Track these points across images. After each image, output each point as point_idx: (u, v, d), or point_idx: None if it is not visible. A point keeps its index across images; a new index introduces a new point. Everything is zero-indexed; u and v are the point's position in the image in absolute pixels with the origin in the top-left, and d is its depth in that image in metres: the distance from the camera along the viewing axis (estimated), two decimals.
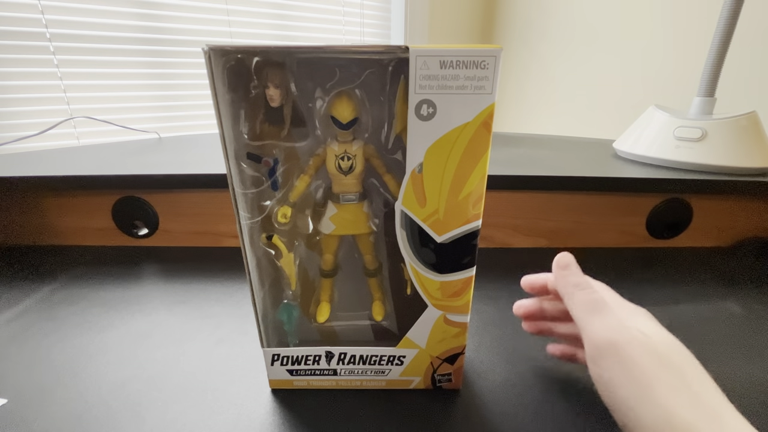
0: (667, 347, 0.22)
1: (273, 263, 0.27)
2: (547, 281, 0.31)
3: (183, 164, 0.54)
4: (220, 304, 0.39)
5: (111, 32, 1.01)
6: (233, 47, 0.20)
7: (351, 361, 0.27)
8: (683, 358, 0.21)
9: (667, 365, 0.21)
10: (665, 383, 0.20)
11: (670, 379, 0.20)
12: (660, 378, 0.20)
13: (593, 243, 0.53)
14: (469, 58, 0.19)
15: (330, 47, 0.21)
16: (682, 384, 0.20)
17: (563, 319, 0.30)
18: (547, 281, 0.31)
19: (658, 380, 0.20)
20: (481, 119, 0.21)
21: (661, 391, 0.20)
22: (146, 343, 0.34)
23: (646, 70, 1.30)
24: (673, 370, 0.21)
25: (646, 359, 0.21)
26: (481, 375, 0.30)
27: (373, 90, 0.24)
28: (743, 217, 0.53)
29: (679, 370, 0.21)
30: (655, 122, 0.58)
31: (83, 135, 1.03)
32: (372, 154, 0.25)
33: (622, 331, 0.22)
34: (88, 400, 0.28)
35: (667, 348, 0.22)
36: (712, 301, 0.41)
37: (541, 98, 1.65)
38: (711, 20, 0.52)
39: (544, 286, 0.31)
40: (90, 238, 0.52)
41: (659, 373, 0.20)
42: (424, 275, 0.25)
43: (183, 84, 1.15)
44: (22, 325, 0.36)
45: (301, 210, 0.27)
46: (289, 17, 1.30)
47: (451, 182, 0.22)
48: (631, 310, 0.24)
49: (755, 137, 0.51)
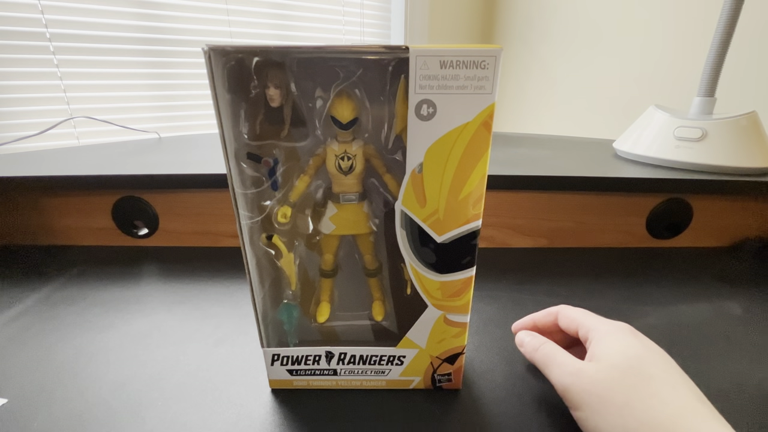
0: (626, 364, 0.23)
1: (273, 263, 0.27)
2: (534, 320, 0.32)
3: (183, 164, 0.54)
4: (220, 304, 0.39)
5: (111, 32, 1.01)
6: (233, 47, 0.20)
7: (351, 361, 0.28)
8: (650, 368, 0.23)
9: (624, 382, 0.22)
10: (621, 400, 0.21)
11: (628, 394, 0.22)
12: (615, 397, 0.22)
13: (593, 243, 0.53)
14: (469, 58, 0.19)
15: (330, 47, 0.21)
16: (645, 393, 0.21)
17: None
18: (534, 320, 0.32)
19: (612, 401, 0.22)
20: (481, 119, 0.21)
21: (614, 408, 0.21)
22: (146, 343, 0.34)
23: (646, 70, 1.30)
24: (634, 382, 0.22)
25: (600, 387, 0.22)
26: (481, 375, 0.30)
27: (373, 90, 0.24)
28: (743, 217, 0.53)
29: (641, 380, 0.22)
30: (655, 122, 0.58)
31: (83, 135, 1.03)
32: (372, 154, 0.25)
33: (572, 374, 0.24)
34: (88, 400, 0.28)
35: (626, 365, 0.23)
36: (712, 301, 0.41)
37: (541, 98, 1.65)
38: (711, 20, 0.52)
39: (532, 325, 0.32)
40: (90, 238, 0.52)
41: (614, 393, 0.22)
42: (424, 275, 0.25)
43: (183, 84, 1.15)
44: (22, 325, 0.36)
45: (301, 210, 0.27)
46: (289, 17, 1.30)
47: (451, 182, 0.22)
48: (601, 334, 0.26)
49: (755, 137, 0.51)
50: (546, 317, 0.31)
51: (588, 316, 0.28)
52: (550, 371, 0.26)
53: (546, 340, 0.28)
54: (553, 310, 0.31)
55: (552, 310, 0.31)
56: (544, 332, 0.31)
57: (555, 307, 0.31)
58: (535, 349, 0.28)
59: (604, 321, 0.27)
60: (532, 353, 0.28)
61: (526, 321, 0.32)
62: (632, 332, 0.26)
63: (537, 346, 0.28)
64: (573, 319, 0.28)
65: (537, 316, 0.31)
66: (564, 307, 0.30)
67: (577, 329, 0.28)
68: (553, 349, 0.27)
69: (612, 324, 0.26)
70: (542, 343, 0.28)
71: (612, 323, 0.27)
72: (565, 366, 0.25)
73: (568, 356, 0.26)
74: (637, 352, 0.24)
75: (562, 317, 0.29)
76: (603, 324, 0.26)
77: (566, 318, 0.29)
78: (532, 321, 0.31)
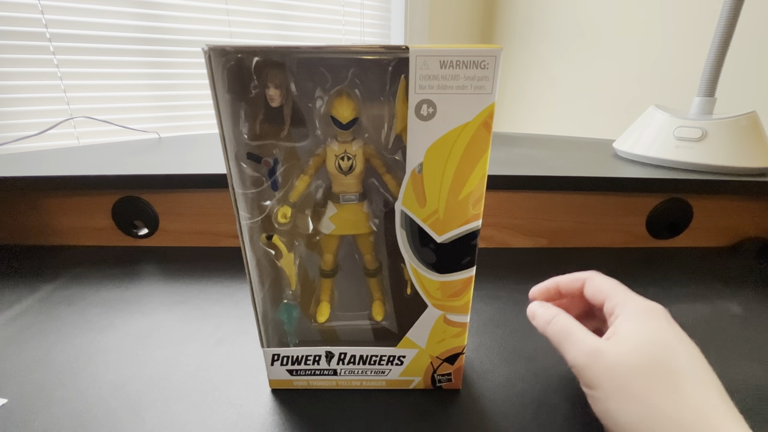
0: (651, 352, 0.21)
1: (273, 263, 0.27)
2: (558, 284, 0.30)
3: (183, 164, 0.54)
4: (220, 304, 0.39)
5: (111, 32, 1.01)
6: (233, 47, 0.20)
7: (351, 361, 0.27)
8: (676, 360, 0.21)
9: (646, 370, 0.21)
10: (639, 388, 0.20)
11: (647, 383, 0.20)
12: (632, 385, 0.21)
13: (593, 243, 0.53)
14: (469, 58, 0.19)
15: (330, 47, 0.21)
16: (666, 386, 0.20)
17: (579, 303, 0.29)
18: (558, 284, 0.30)
19: (628, 388, 0.21)
20: (481, 119, 0.21)
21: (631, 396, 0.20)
22: (146, 343, 0.34)
23: (645, 69, 1.30)
24: (656, 372, 0.21)
25: (618, 371, 0.21)
26: (481, 375, 0.30)
27: (373, 90, 0.24)
28: (743, 217, 0.53)
29: (664, 372, 0.21)
30: (655, 122, 0.58)
31: (83, 135, 1.03)
32: (372, 154, 0.25)
33: (589, 353, 0.23)
34: (88, 400, 0.28)
35: (650, 353, 0.21)
36: (712, 301, 0.41)
37: (541, 98, 1.65)
38: (711, 20, 0.52)
39: (554, 289, 0.30)
40: (90, 238, 0.52)
41: (633, 381, 0.21)
42: (424, 275, 0.25)
43: (183, 84, 1.15)
44: (22, 325, 0.36)
45: (301, 210, 0.27)
46: (289, 17, 1.30)
47: (451, 182, 0.22)
48: (630, 313, 0.24)
49: (755, 137, 0.51)
50: (572, 282, 0.28)
51: (620, 289, 0.26)
52: (565, 348, 0.24)
53: (559, 312, 0.26)
54: (580, 276, 0.28)
55: (579, 276, 0.28)
56: (566, 298, 0.29)
57: (584, 273, 0.28)
58: (547, 322, 0.26)
59: (637, 298, 0.24)
60: (545, 327, 0.26)
61: (549, 284, 0.29)
62: (666, 319, 0.23)
63: (549, 318, 0.26)
64: (601, 289, 0.26)
65: (562, 280, 0.29)
66: (594, 274, 0.27)
67: (603, 301, 0.25)
68: (567, 323, 0.25)
69: (646, 304, 0.24)
70: (555, 315, 0.26)
71: (646, 303, 0.24)
72: (581, 344, 0.23)
73: (585, 332, 0.24)
74: (665, 341, 0.22)
75: (590, 285, 0.27)
76: (635, 302, 0.24)
77: (594, 287, 0.26)
78: (555, 284, 0.29)
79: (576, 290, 0.28)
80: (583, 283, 0.28)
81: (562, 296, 0.29)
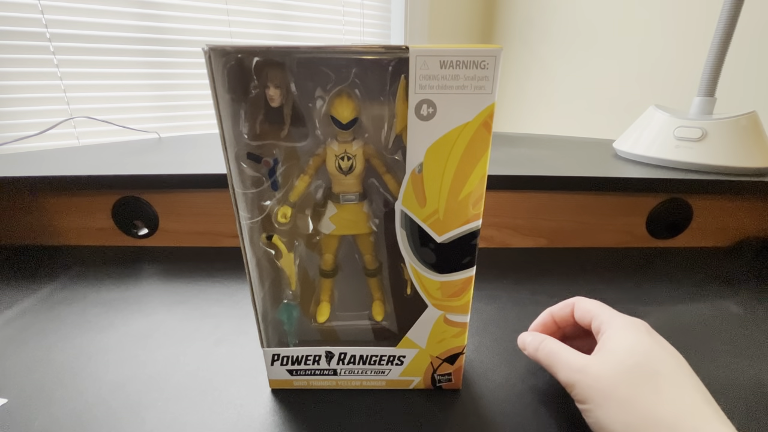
0: (632, 360, 0.23)
1: (273, 263, 0.27)
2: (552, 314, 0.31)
3: (183, 164, 0.54)
4: (220, 304, 0.39)
5: (111, 32, 1.01)
6: (233, 47, 0.20)
7: (351, 361, 0.27)
8: (658, 365, 0.23)
9: (629, 378, 0.22)
10: (624, 395, 0.22)
11: (631, 390, 0.22)
12: (618, 392, 0.22)
13: (593, 243, 0.53)
14: (469, 58, 0.19)
15: (330, 47, 0.21)
16: (648, 389, 0.21)
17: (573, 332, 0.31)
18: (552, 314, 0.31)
19: (615, 395, 0.22)
20: (481, 119, 0.21)
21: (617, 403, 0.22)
22: (146, 343, 0.34)
23: (645, 70, 1.30)
24: (639, 378, 0.22)
25: (603, 382, 0.23)
26: (481, 375, 0.30)
27: (373, 90, 0.24)
28: (743, 217, 0.53)
29: (645, 377, 0.22)
30: (655, 122, 0.58)
31: (83, 135, 1.03)
32: (372, 154, 0.25)
33: (578, 370, 0.24)
34: (88, 400, 0.28)
35: (632, 361, 0.23)
36: (712, 301, 0.41)
37: (541, 98, 1.65)
38: (711, 20, 0.52)
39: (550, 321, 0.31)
40: (90, 238, 0.52)
41: (618, 389, 0.22)
42: (424, 275, 0.25)
43: (183, 84, 1.15)
44: (22, 325, 0.36)
45: (301, 210, 0.27)
46: (289, 17, 1.30)
47: (451, 182, 0.22)
48: (614, 329, 0.25)
49: (755, 137, 0.51)
50: (562, 309, 0.30)
51: (604, 309, 0.27)
52: (556, 369, 0.26)
53: (546, 337, 0.28)
54: (569, 302, 0.30)
55: (568, 302, 0.30)
56: (561, 325, 0.30)
57: (571, 299, 0.30)
58: (536, 348, 0.28)
59: (619, 316, 0.26)
60: (534, 353, 0.28)
61: (544, 316, 0.31)
62: (647, 330, 0.25)
63: (537, 344, 0.28)
64: (588, 310, 0.28)
65: (554, 309, 0.31)
66: (579, 299, 0.30)
67: (591, 321, 0.27)
68: (555, 346, 0.27)
69: (627, 320, 0.26)
70: (542, 340, 0.28)
71: (628, 319, 0.26)
72: (570, 363, 0.25)
73: (571, 352, 0.26)
74: (647, 349, 0.23)
75: (578, 308, 0.29)
76: (617, 319, 0.26)
77: (581, 309, 0.29)
78: (549, 315, 0.31)
79: (568, 315, 0.30)
80: (573, 307, 0.30)
81: (558, 326, 0.31)
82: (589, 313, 0.28)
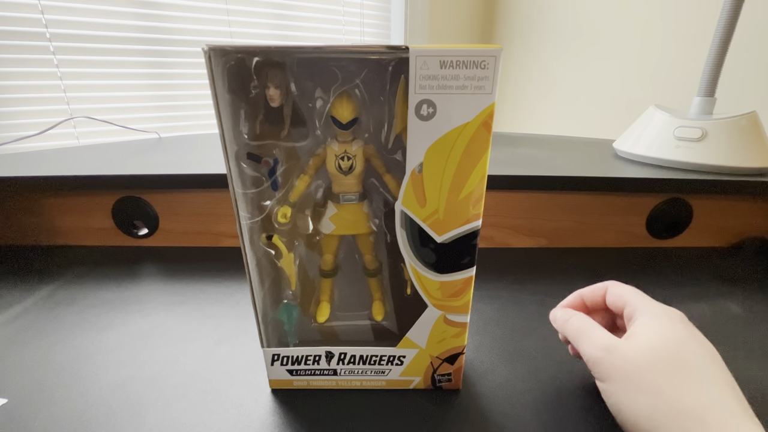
0: (664, 348, 0.22)
1: (273, 263, 0.27)
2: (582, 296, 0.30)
3: (183, 164, 0.54)
4: (220, 304, 0.39)
5: (111, 32, 1.01)
6: (233, 47, 0.20)
7: (351, 361, 0.27)
8: (689, 356, 0.22)
9: (658, 365, 0.21)
10: (651, 381, 0.21)
11: (659, 377, 0.21)
12: (644, 377, 0.21)
13: (593, 243, 0.53)
14: (469, 58, 0.19)
15: (330, 47, 0.21)
16: (678, 379, 0.21)
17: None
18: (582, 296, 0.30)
19: (640, 380, 0.21)
20: (481, 119, 0.21)
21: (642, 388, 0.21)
22: (146, 343, 0.34)
23: (646, 69, 1.30)
24: (668, 367, 0.21)
25: (630, 365, 0.22)
26: (481, 375, 0.30)
27: (373, 90, 0.24)
28: (743, 217, 0.53)
29: (676, 367, 0.21)
30: (655, 122, 0.58)
31: (83, 135, 1.03)
32: (372, 154, 0.25)
33: (604, 348, 0.24)
34: (88, 400, 0.28)
35: (664, 349, 0.22)
36: (712, 301, 0.41)
37: (541, 98, 1.65)
38: (711, 20, 0.52)
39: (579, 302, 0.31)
40: (90, 238, 0.52)
41: (645, 374, 0.21)
42: (424, 275, 0.25)
43: (183, 84, 1.15)
44: (22, 325, 0.36)
45: (301, 210, 0.27)
46: (289, 17, 1.30)
47: (451, 182, 0.22)
48: (647, 317, 0.24)
49: (755, 137, 0.51)
50: (593, 293, 0.29)
51: (638, 295, 0.27)
52: (581, 343, 0.25)
53: (577, 312, 0.28)
54: (601, 285, 0.29)
55: (600, 285, 0.29)
56: (591, 308, 0.30)
57: (604, 283, 0.29)
58: (565, 321, 0.27)
59: (654, 303, 0.26)
60: (563, 325, 0.28)
61: (573, 297, 0.30)
62: (681, 320, 0.24)
63: (568, 318, 0.27)
64: (621, 295, 0.27)
65: (584, 291, 0.30)
66: (613, 283, 0.29)
67: (624, 306, 0.26)
68: (585, 321, 0.26)
69: (662, 308, 0.25)
70: (573, 314, 0.27)
71: (664, 308, 0.25)
72: (597, 339, 0.24)
73: (601, 330, 0.25)
74: (679, 339, 0.23)
75: (611, 293, 0.28)
76: (653, 306, 0.25)
77: (614, 294, 0.28)
78: (579, 296, 0.30)
79: (599, 298, 0.29)
80: (605, 291, 0.29)
81: (588, 309, 0.30)
82: (621, 298, 0.27)
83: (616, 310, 0.28)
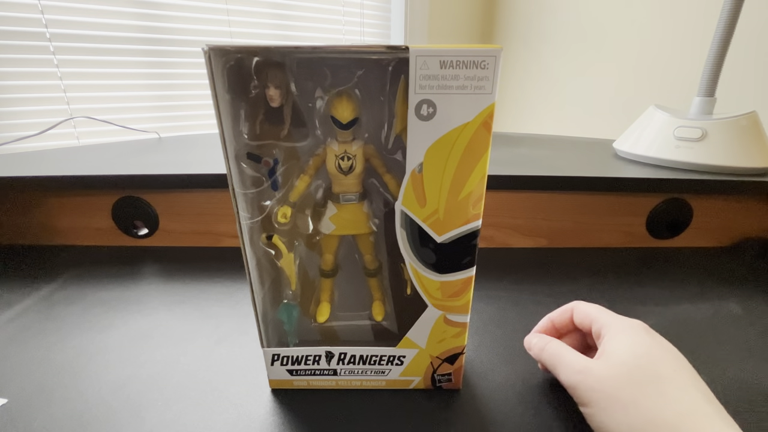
0: (634, 362, 0.23)
1: (273, 263, 0.27)
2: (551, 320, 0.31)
3: (183, 164, 0.54)
4: (220, 304, 0.39)
5: (111, 32, 1.01)
6: (233, 47, 0.20)
7: (351, 361, 0.27)
8: (659, 367, 0.23)
9: (632, 380, 0.22)
10: (627, 397, 0.22)
11: (634, 392, 0.22)
12: (621, 394, 0.22)
13: (593, 243, 0.53)
14: (469, 58, 0.19)
15: (330, 47, 0.21)
16: (651, 391, 0.21)
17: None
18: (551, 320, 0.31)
19: (618, 398, 0.22)
20: (481, 119, 0.21)
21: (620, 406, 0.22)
22: (146, 343, 0.34)
23: (645, 70, 1.30)
24: (641, 380, 0.22)
25: (606, 384, 0.23)
26: (481, 375, 0.30)
27: (373, 90, 0.24)
28: (743, 217, 0.53)
29: (647, 378, 0.22)
30: (655, 122, 0.58)
31: (83, 135, 1.03)
32: (372, 154, 0.25)
33: (579, 371, 0.24)
34: (88, 400, 0.28)
35: (634, 363, 0.23)
36: (712, 301, 0.41)
37: (541, 98, 1.65)
38: (711, 20, 0.52)
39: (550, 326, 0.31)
40: (90, 238, 0.52)
41: (621, 391, 0.22)
42: (424, 275, 0.25)
43: (183, 84, 1.15)
44: (22, 325, 0.36)
45: (301, 210, 0.27)
46: (289, 17, 1.30)
47: (451, 182, 0.22)
48: (613, 332, 0.25)
49: (755, 137, 0.51)
50: (562, 315, 0.30)
51: (602, 312, 0.28)
52: (559, 370, 0.26)
53: (551, 339, 0.28)
54: (568, 307, 0.30)
55: (567, 307, 0.30)
56: (561, 331, 0.30)
57: (570, 304, 0.30)
58: (541, 349, 0.28)
59: (618, 318, 0.27)
60: (539, 353, 0.28)
61: (544, 322, 0.31)
62: (646, 331, 0.25)
63: (543, 345, 0.28)
64: (587, 314, 0.28)
65: (553, 315, 0.31)
66: (578, 303, 0.30)
67: (591, 325, 0.27)
68: (559, 348, 0.27)
69: (626, 321, 0.26)
70: (548, 342, 0.28)
71: (626, 321, 0.26)
72: (572, 364, 0.25)
73: (575, 354, 0.26)
74: (648, 351, 0.23)
75: (577, 313, 0.29)
76: (617, 321, 0.26)
77: (581, 314, 0.29)
78: (549, 321, 0.31)
79: (567, 320, 0.30)
80: (572, 312, 0.30)
81: (559, 332, 0.31)
82: (588, 316, 0.28)
83: (584, 329, 0.29)
